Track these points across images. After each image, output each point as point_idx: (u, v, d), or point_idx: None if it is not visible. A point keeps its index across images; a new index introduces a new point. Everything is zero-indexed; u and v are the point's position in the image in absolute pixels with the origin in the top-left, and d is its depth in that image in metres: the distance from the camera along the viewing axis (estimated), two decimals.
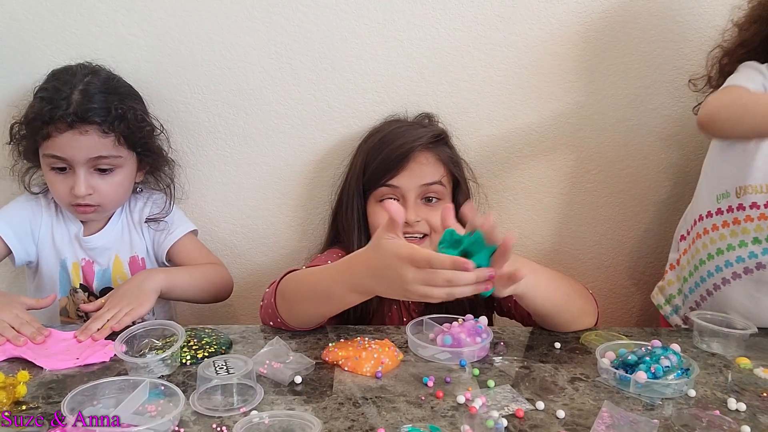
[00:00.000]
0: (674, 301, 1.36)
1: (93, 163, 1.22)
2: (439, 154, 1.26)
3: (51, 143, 1.20)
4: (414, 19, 1.38)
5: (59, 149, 1.20)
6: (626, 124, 1.47)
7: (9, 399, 0.85)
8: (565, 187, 1.51)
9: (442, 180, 1.25)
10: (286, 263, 1.51)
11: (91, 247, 1.32)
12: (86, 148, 1.20)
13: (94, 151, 1.21)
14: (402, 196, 1.23)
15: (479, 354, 1.02)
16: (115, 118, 1.21)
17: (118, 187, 1.27)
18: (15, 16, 1.33)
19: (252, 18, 1.36)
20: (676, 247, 1.36)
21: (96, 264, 1.34)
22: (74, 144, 1.19)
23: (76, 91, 1.20)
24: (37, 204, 1.33)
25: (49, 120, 1.18)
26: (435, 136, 1.27)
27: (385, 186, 1.23)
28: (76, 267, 1.33)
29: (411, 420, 0.85)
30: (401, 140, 1.25)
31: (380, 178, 1.24)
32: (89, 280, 1.34)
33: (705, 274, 1.25)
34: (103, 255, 1.33)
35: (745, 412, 0.89)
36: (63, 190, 1.24)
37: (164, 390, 0.87)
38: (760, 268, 1.16)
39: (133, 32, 1.36)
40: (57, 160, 1.22)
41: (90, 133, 1.20)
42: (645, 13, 1.40)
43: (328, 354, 1.01)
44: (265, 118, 1.43)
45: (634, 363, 0.95)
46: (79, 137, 1.19)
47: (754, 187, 1.14)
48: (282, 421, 0.82)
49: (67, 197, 1.24)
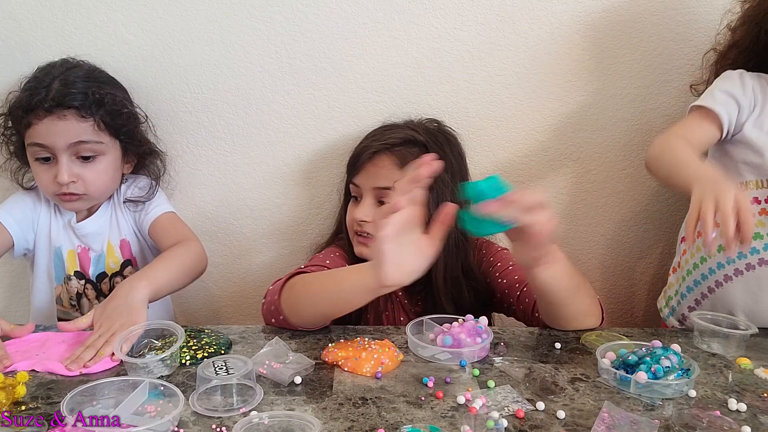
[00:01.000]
0: (671, 303, 1.36)
1: (74, 150, 1.23)
2: (403, 159, 1.20)
3: (32, 132, 1.21)
4: (414, 19, 1.38)
5: (39, 136, 1.21)
6: (626, 124, 1.47)
7: (8, 399, 0.85)
8: (565, 187, 1.51)
9: (395, 186, 1.17)
10: (286, 263, 1.51)
11: (84, 233, 1.33)
12: (65, 133, 1.21)
13: (74, 136, 1.22)
14: (360, 194, 1.26)
15: (479, 354, 1.02)
16: (92, 103, 1.22)
17: (102, 174, 1.27)
18: (14, 15, 1.33)
19: (252, 18, 1.36)
20: (678, 249, 1.37)
21: (91, 250, 1.34)
22: (53, 130, 1.20)
23: (56, 80, 1.22)
24: (36, 194, 1.34)
25: (27, 107, 1.20)
26: (405, 140, 1.23)
27: (351, 183, 1.27)
28: (72, 254, 1.34)
29: (411, 420, 0.85)
30: (369, 141, 1.27)
31: (348, 175, 1.29)
32: (85, 267, 1.34)
33: (706, 271, 1.26)
34: (96, 240, 1.34)
35: (746, 413, 0.88)
36: (47, 179, 1.24)
37: (164, 390, 0.87)
38: (762, 264, 1.17)
39: (133, 32, 1.36)
40: (39, 148, 1.22)
41: (68, 117, 1.20)
42: (645, 13, 1.40)
43: (327, 354, 1.01)
44: (264, 118, 1.43)
45: (634, 363, 0.95)
46: (58, 122, 1.20)
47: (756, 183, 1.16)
48: (282, 422, 0.82)
49: (52, 186, 1.25)
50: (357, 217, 1.23)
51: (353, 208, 1.26)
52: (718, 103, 1.17)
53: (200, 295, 1.56)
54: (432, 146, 1.24)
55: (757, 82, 1.20)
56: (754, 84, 1.19)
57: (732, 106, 1.17)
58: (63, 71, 1.24)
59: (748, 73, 1.21)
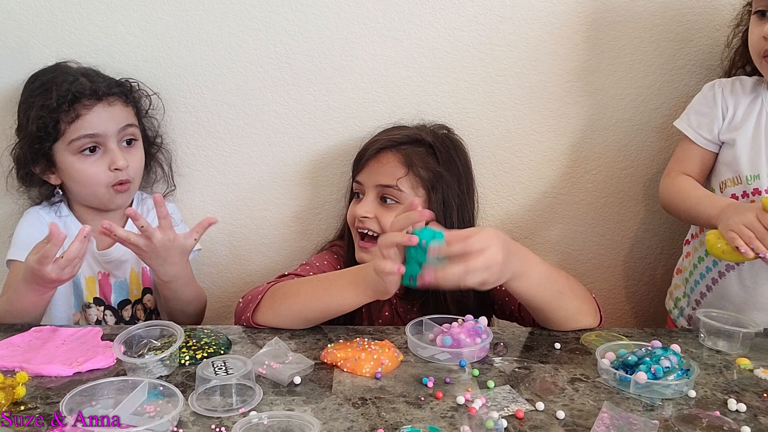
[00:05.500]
0: (680, 304, 1.39)
1: (122, 135, 1.25)
2: (408, 158, 1.21)
3: (80, 123, 1.20)
4: (414, 19, 1.38)
5: (91, 126, 1.21)
6: (626, 124, 1.47)
7: (8, 400, 0.85)
8: (565, 187, 1.51)
9: (398, 184, 1.20)
10: (286, 263, 1.51)
11: (108, 260, 1.31)
12: (116, 118, 1.24)
13: (122, 120, 1.24)
14: (363, 192, 1.25)
15: (479, 354, 1.02)
16: (127, 90, 1.27)
17: (140, 159, 1.31)
18: (14, 15, 1.33)
19: (252, 18, 1.36)
20: (682, 251, 1.40)
21: (112, 276, 1.32)
22: (105, 116, 1.22)
23: (78, 75, 1.23)
24: (41, 221, 1.28)
25: (73, 99, 1.19)
26: (412, 139, 1.24)
27: (355, 181, 1.28)
28: (91, 281, 1.31)
29: (411, 421, 0.85)
30: (377, 137, 1.29)
31: (353, 172, 1.29)
32: (106, 294, 1.32)
33: (704, 270, 1.30)
34: (119, 267, 1.32)
35: (746, 413, 0.88)
36: (99, 171, 1.23)
37: (163, 390, 0.87)
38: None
39: (132, 32, 1.36)
40: (89, 139, 1.21)
41: (115, 103, 1.24)
42: (645, 13, 1.40)
43: (326, 356, 1.01)
44: (264, 118, 1.43)
45: (634, 363, 0.95)
46: (109, 108, 1.23)
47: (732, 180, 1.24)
48: (281, 422, 0.82)
49: (106, 177, 1.23)
50: (358, 213, 1.22)
51: (354, 205, 1.26)
52: (692, 127, 1.28)
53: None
54: (439, 148, 1.25)
55: (730, 89, 1.26)
56: (726, 92, 1.26)
57: (705, 124, 1.27)
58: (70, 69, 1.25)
59: (721, 82, 1.28)
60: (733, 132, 1.24)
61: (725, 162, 1.26)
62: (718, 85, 1.28)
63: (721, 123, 1.26)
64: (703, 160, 1.29)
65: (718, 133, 1.26)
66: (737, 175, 1.23)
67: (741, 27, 1.29)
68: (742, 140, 1.22)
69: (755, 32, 1.18)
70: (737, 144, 1.23)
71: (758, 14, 1.17)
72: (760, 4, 1.17)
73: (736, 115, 1.24)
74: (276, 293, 1.11)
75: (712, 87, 1.28)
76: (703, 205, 1.19)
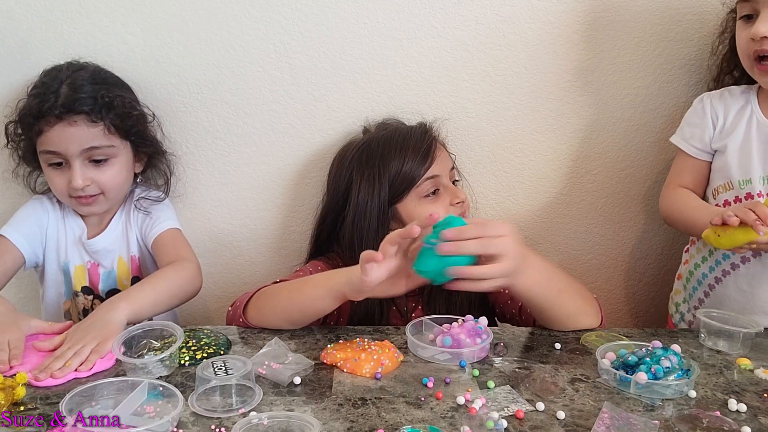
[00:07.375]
0: (680, 309, 1.40)
1: (87, 155, 1.22)
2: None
3: (44, 139, 1.21)
4: (414, 19, 1.38)
5: (51, 143, 1.21)
6: (626, 124, 1.47)
7: (8, 400, 0.85)
8: (565, 187, 1.51)
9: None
10: (286, 263, 1.51)
11: (95, 250, 1.32)
12: (77, 139, 1.20)
13: (85, 142, 1.21)
14: (441, 184, 1.25)
15: (479, 355, 1.02)
16: (102, 107, 1.21)
17: (116, 176, 1.27)
18: (13, 15, 1.33)
19: (251, 18, 1.36)
20: (682, 258, 1.41)
21: (101, 266, 1.33)
22: (65, 136, 1.20)
23: (64, 84, 1.21)
24: (43, 207, 1.33)
25: (38, 114, 1.19)
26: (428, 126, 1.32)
27: (428, 179, 1.22)
28: (80, 270, 1.33)
29: (411, 421, 0.85)
30: (414, 134, 1.27)
31: (416, 174, 1.22)
32: (95, 283, 1.34)
33: (700, 276, 1.32)
34: (106, 257, 1.33)
35: (746, 413, 0.88)
36: (61, 184, 1.24)
37: (163, 391, 0.87)
38: (745, 261, 1.23)
39: (132, 32, 1.36)
40: (52, 155, 1.22)
41: (79, 123, 1.20)
42: (645, 12, 1.40)
43: (326, 356, 1.01)
44: (264, 118, 1.43)
45: (634, 364, 0.94)
46: (69, 128, 1.19)
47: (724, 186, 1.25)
48: (281, 422, 0.82)
49: (66, 190, 1.24)
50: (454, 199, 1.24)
51: (427, 207, 1.21)
52: (685, 140, 1.31)
53: (199, 295, 1.55)
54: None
55: (719, 97, 1.28)
56: (714, 101, 1.28)
57: (696, 135, 1.29)
58: (69, 74, 1.24)
59: (710, 94, 1.30)
60: (724, 139, 1.25)
61: (717, 169, 1.27)
62: (706, 97, 1.30)
63: (712, 132, 1.27)
64: (699, 171, 1.31)
65: (710, 141, 1.27)
66: (729, 180, 1.24)
67: (726, 34, 1.30)
68: (732, 146, 1.24)
69: (742, 36, 1.18)
70: (728, 150, 1.24)
71: (744, 18, 1.18)
72: (744, 9, 1.18)
73: (726, 122, 1.26)
74: (261, 295, 1.13)
75: (701, 99, 1.31)
76: (699, 213, 1.22)
